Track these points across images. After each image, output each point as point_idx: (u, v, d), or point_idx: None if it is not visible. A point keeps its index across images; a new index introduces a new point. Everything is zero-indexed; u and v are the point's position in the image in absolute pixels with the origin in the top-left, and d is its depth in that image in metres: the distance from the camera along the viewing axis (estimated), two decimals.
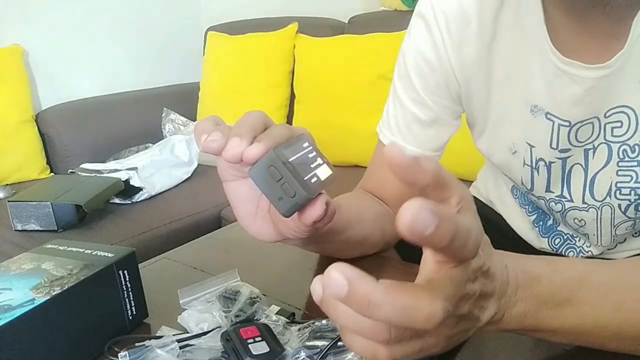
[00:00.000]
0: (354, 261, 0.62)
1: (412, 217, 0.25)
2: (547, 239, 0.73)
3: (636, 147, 0.57)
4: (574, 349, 0.45)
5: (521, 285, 0.37)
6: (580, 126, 0.58)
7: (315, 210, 0.39)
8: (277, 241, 0.47)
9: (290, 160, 0.38)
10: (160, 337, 0.46)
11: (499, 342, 0.47)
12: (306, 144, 0.41)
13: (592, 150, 0.60)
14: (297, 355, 0.43)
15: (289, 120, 2.14)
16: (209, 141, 0.39)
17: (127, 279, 0.50)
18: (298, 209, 0.38)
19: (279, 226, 0.45)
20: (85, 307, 0.46)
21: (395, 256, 0.70)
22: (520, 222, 0.78)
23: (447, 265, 0.30)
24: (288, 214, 0.38)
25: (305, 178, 0.38)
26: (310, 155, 0.40)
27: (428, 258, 0.31)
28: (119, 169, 1.77)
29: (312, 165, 0.39)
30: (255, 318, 0.48)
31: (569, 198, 0.64)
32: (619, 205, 0.61)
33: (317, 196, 0.39)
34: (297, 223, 0.42)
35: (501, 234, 0.79)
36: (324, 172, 0.39)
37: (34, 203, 1.46)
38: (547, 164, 0.62)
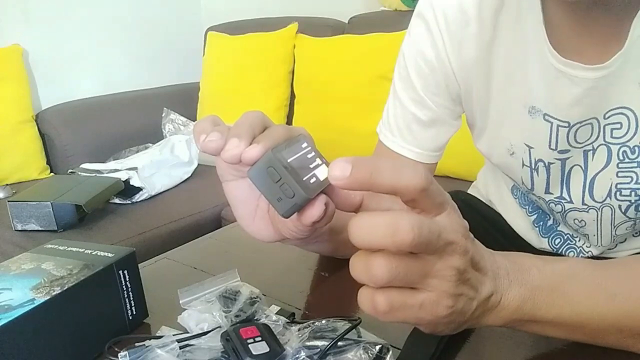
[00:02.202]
0: None
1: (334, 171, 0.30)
2: (547, 239, 0.73)
3: (636, 148, 0.57)
4: (573, 349, 0.45)
5: (511, 271, 0.38)
6: (580, 127, 0.58)
7: (314, 211, 0.39)
8: (276, 241, 0.47)
9: (289, 161, 0.38)
10: (160, 337, 0.46)
11: (498, 342, 0.47)
12: (305, 145, 0.41)
13: (591, 151, 0.60)
14: (297, 355, 0.43)
15: (289, 120, 2.14)
16: (208, 141, 0.40)
17: (127, 279, 0.50)
18: (297, 210, 0.38)
19: (278, 226, 0.45)
20: (85, 307, 0.46)
21: None
22: (520, 222, 0.78)
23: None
24: (287, 215, 0.38)
25: (304, 179, 0.38)
26: (309, 156, 0.40)
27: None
28: (119, 169, 1.78)
29: (311, 166, 0.39)
30: (255, 318, 0.48)
31: (569, 199, 0.64)
32: (619, 206, 0.61)
33: (316, 197, 0.39)
34: (296, 223, 0.42)
35: (501, 234, 0.79)
36: (323, 173, 0.39)
37: (34, 203, 1.46)
38: (546, 165, 0.62)
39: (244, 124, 0.41)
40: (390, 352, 0.43)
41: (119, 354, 0.43)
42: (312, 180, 0.38)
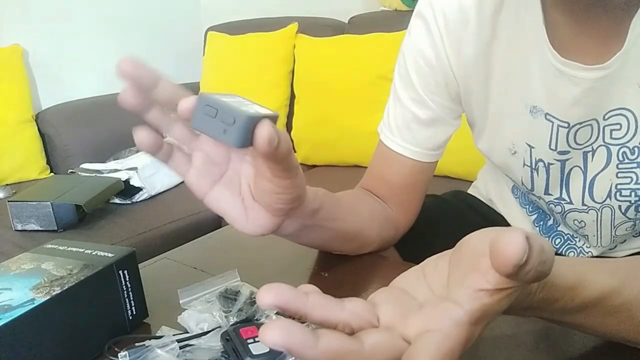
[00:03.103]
0: (355, 260, 0.62)
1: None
2: (547, 239, 0.73)
3: (636, 149, 0.57)
4: (575, 349, 0.45)
5: (536, 306, 0.35)
6: (579, 128, 0.58)
7: (261, 129, 0.37)
8: (275, 228, 0.47)
9: (222, 98, 0.38)
10: (160, 337, 0.46)
11: (499, 342, 0.47)
12: (239, 97, 0.40)
13: (591, 152, 0.60)
14: None
15: (289, 120, 2.14)
16: (144, 130, 0.42)
17: (127, 279, 0.50)
18: (245, 135, 0.37)
19: (267, 200, 0.44)
20: (85, 307, 0.46)
21: (395, 256, 0.70)
22: (520, 222, 0.78)
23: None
24: (239, 142, 0.37)
25: (242, 108, 0.37)
26: (246, 102, 0.40)
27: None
28: (119, 169, 1.78)
29: (249, 105, 0.39)
30: (255, 318, 0.48)
31: (568, 200, 0.64)
32: (619, 207, 0.61)
33: (259, 122, 0.38)
34: (275, 180, 0.42)
35: None
36: (263, 110, 0.39)
37: (34, 203, 1.46)
38: (546, 165, 0.62)
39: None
40: None
41: (119, 354, 0.43)
42: (250, 111, 0.38)
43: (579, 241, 0.70)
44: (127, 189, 1.69)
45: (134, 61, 0.40)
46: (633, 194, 0.59)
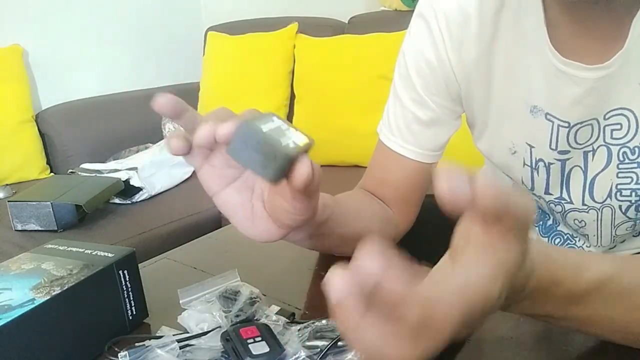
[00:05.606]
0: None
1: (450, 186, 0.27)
2: (546, 238, 0.73)
3: (636, 149, 0.57)
4: (575, 349, 0.45)
5: (539, 289, 0.35)
6: (580, 127, 0.58)
7: (302, 168, 0.38)
8: (280, 238, 0.47)
9: (263, 129, 0.38)
10: (160, 337, 0.46)
11: (499, 342, 0.47)
12: (275, 118, 0.40)
13: (591, 152, 0.60)
14: (297, 355, 0.43)
15: (289, 120, 2.14)
16: (176, 138, 0.41)
17: (127, 279, 0.50)
18: (283, 171, 0.38)
19: (278, 216, 0.44)
20: (85, 307, 0.46)
21: None
22: None
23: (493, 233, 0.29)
24: (275, 178, 0.38)
25: (282, 143, 0.37)
26: (283, 127, 0.39)
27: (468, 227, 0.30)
28: (119, 169, 1.78)
29: (287, 133, 0.39)
30: (255, 318, 0.48)
31: (569, 200, 0.64)
32: (620, 207, 0.61)
33: (298, 158, 0.38)
34: (293, 203, 0.42)
35: None
36: (300, 139, 0.39)
37: (34, 203, 1.46)
38: (547, 165, 0.62)
39: (211, 115, 0.41)
40: None
41: (119, 354, 0.43)
42: (290, 143, 0.38)
43: (579, 241, 0.70)
44: (127, 189, 1.69)
45: (172, 100, 0.41)
46: (633, 193, 0.59)
